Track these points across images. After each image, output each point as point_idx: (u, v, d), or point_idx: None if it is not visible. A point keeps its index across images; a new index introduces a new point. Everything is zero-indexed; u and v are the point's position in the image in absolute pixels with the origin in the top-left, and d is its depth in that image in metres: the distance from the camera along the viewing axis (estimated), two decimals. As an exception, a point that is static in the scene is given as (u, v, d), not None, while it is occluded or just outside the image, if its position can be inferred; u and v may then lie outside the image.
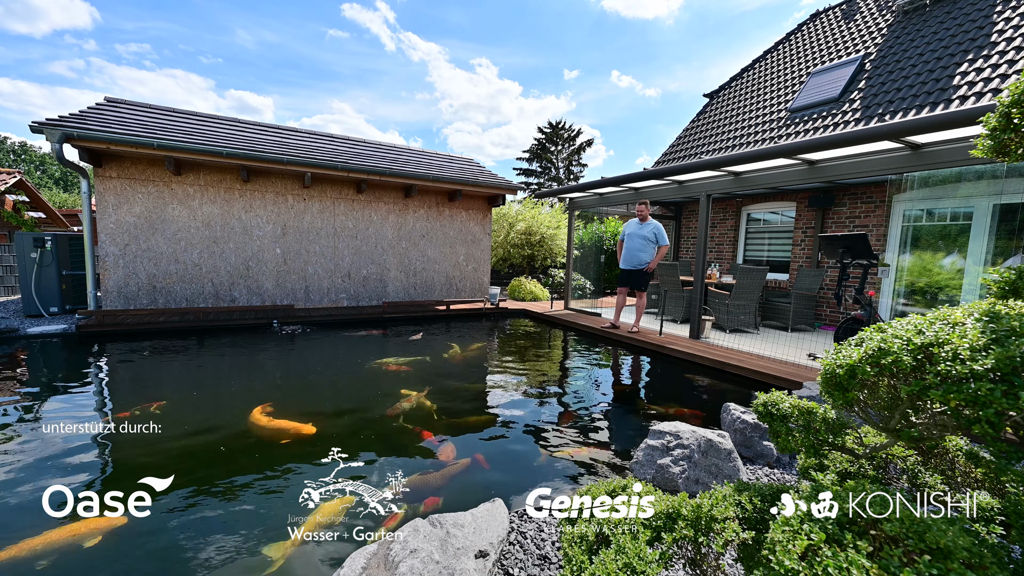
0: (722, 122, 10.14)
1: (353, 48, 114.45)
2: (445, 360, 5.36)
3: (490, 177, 9.62)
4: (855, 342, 1.29)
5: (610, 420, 3.69)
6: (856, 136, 4.03)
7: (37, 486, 2.34)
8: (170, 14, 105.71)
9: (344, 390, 4.28)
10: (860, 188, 6.84)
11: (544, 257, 12.90)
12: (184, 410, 3.50)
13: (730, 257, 8.99)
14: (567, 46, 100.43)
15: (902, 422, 1.24)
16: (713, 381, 4.68)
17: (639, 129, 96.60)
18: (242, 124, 8.56)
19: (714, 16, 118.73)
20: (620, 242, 6.33)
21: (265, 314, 7.12)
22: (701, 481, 2.37)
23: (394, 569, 1.52)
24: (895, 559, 0.87)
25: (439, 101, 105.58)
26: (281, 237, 7.69)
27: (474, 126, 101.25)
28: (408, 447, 2.98)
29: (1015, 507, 1.12)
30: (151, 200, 6.74)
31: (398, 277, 8.88)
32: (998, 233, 5.44)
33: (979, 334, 1.03)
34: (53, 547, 1.89)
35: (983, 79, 5.70)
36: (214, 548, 1.94)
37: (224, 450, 2.86)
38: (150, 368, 4.71)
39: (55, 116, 6.02)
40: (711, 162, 5.41)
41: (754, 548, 1.21)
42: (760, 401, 1.67)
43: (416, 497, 2.37)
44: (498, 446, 3.10)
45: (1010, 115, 1.35)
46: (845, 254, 4.88)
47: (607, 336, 6.46)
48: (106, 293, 6.58)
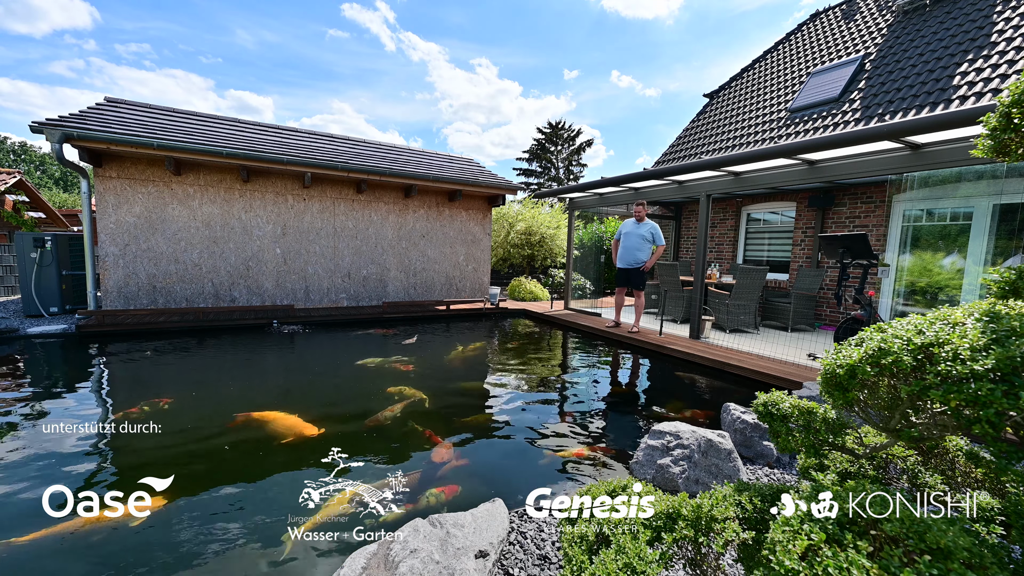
0: (722, 122, 10.14)
1: (353, 48, 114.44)
2: (445, 360, 5.36)
3: (490, 177, 9.62)
4: (855, 342, 1.29)
5: (610, 420, 3.69)
6: (856, 136, 4.03)
7: (40, 484, 2.34)
8: (170, 14, 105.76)
9: (345, 389, 4.28)
10: (860, 188, 6.84)
11: (544, 257, 12.90)
12: (187, 408, 3.50)
13: (730, 257, 8.99)
14: (567, 46, 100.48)
15: (902, 422, 1.24)
16: (713, 381, 4.68)
17: (639, 129, 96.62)
18: (242, 124, 8.56)
19: (714, 16, 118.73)
20: (616, 241, 6.39)
21: (265, 314, 7.12)
22: (701, 481, 2.37)
23: (394, 569, 1.52)
24: (895, 559, 0.87)
25: (439, 101, 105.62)
26: (281, 237, 7.69)
27: (474, 126, 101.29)
28: (409, 447, 2.98)
29: (1015, 507, 1.12)
30: (151, 200, 6.74)
31: (398, 277, 8.88)
32: (998, 233, 5.44)
33: (979, 334, 1.03)
34: (105, 525, 2.07)
35: (983, 79, 5.70)
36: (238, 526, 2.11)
37: (227, 449, 2.86)
38: (150, 368, 4.71)
39: (55, 116, 6.02)
40: (711, 162, 5.41)
41: (754, 548, 1.21)
42: (760, 401, 1.67)
43: (413, 498, 2.37)
44: (498, 446, 3.10)
45: (1010, 115, 1.35)
46: (845, 254, 4.88)
47: (607, 336, 6.46)
48: (106, 293, 6.58)
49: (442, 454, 2.87)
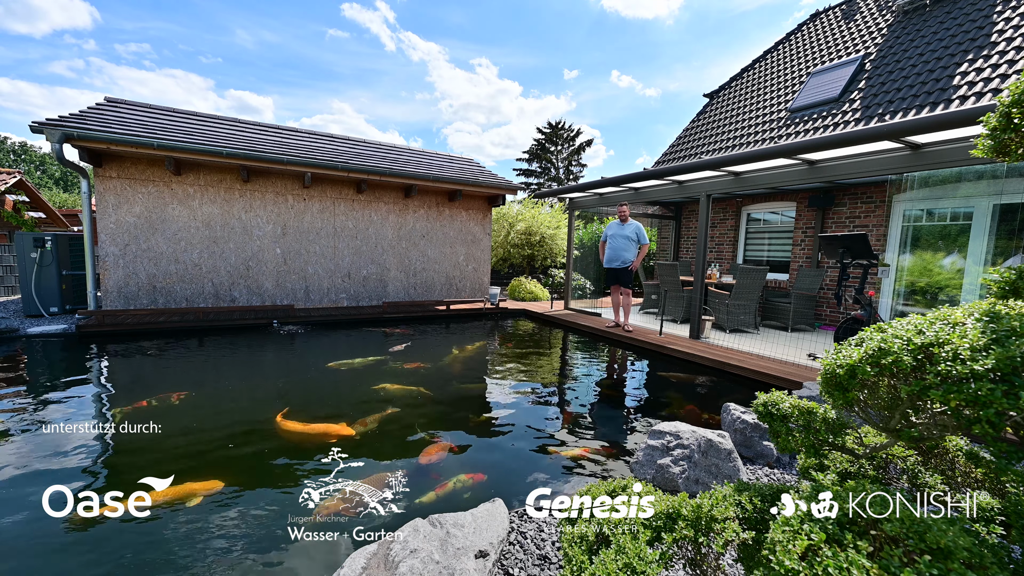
0: (722, 122, 10.14)
1: (353, 48, 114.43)
2: (445, 360, 5.36)
3: (490, 177, 9.62)
4: (855, 342, 1.29)
5: (610, 420, 3.69)
6: (856, 136, 4.03)
7: (45, 481, 2.34)
8: (169, 14, 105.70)
9: (345, 389, 4.27)
10: (860, 188, 6.84)
11: (544, 257, 12.90)
12: (191, 406, 3.50)
13: (730, 257, 8.99)
14: (567, 46, 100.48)
15: (902, 422, 1.24)
16: (713, 381, 4.68)
17: (639, 129, 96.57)
18: (242, 124, 8.56)
19: (714, 16, 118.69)
20: (602, 243, 6.58)
21: (265, 314, 7.12)
22: (701, 481, 2.37)
23: (394, 569, 1.52)
24: (895, 559, 0.87)
25: (439, 101, 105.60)
26: (281, 237, 7.69)
27: (474, 126, 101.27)
28: (408, 449, 2.98)
29: (1015, 507, 1.12)
30: (151, 200, 6.74)
31: (398, 277, 8.88)
32: (998, 233, 5.44)
33: (979, 334, 1.03)
34: (171, 498, 2.29)
35: (983, 79, 5.70)
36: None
37: (232, 446, 2.86)
38: (151, 367, 4.71)
39: (55, 116, 6.02)
40: (711, 162, 5.41)
41: (754, 548, 1.21)
42: (760, 401, 1.67)
43: (413, 498, 2.37)
44: (498, 446, 3.10)
45: (1010, 115, 1.35)
46: (845, 254, 4.88)
47: (607, 336, 6.46)
48: (106, 293, 6.58)
49: (436, 453, 2.88)
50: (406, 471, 2.62)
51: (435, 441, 3.05)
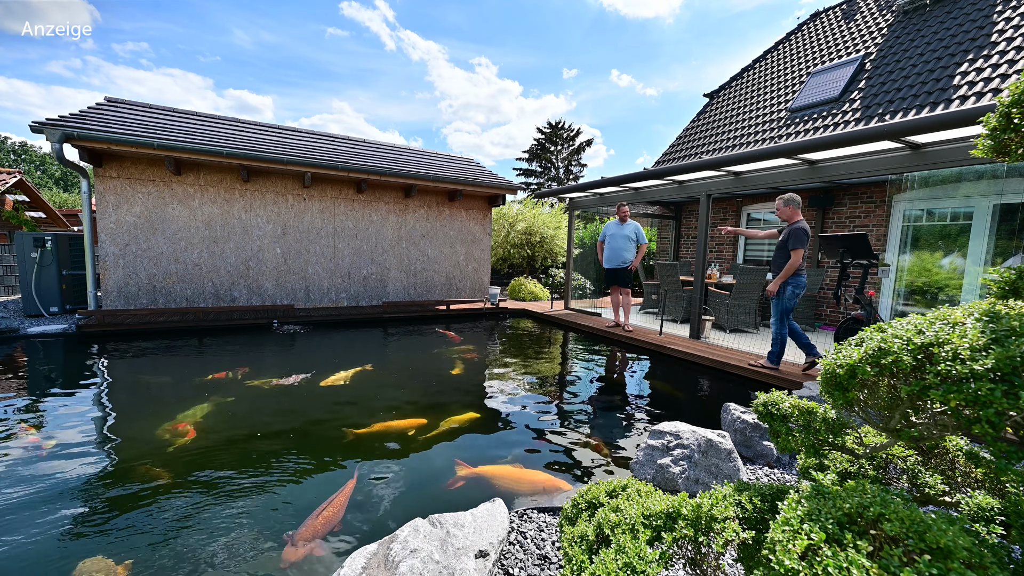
0: (722, 122, 10.14)
1: (352, 47, 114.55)
2: (444, 360, 5.36)
3: (490, 177, 9.62)
4: (855, 342, 1.29)
5: (610, 420, 3.69)
6: (856, 136, 4.03)
7: (47, 481, 2.34)
8: (168, 14, 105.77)
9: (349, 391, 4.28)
10: (860, 188, 6.84)
11: (544, 257, 12.90)
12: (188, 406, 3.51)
13: (730, 257, 8.99)
14: (566, 45, 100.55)
15: (902, 422, 1.24)
16: (713, 381, 4.68)
17: (639, 129, 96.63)
18: (242, 124, 8.56)
19: (714, 16, 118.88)
20: (600, 243, 6.56)
21: (265, 314, 7.12)
22: (701, 481, 2.37)
23: (394, 569, 1.52)
24: (895, 559, 0.87)
25: (439, 101, 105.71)
26: (281, 237, 7.69)
27: (474, 126, 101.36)
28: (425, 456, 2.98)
29: (1015, 507, 1.12)
30: (151, 200, 6.74)
31: (398, 277, 8.88)
32: (998, 233, 5.44)
33: (979, 334, 1.03)
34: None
35: (983, 79, 5.70)
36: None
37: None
38: (151, 367, 4.71)
39: (55, 116, 6.02)
40: (711, 162, 5.41)
41: (754, 548, 1.21)
42: (760, 401, 1.67)
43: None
44: (498, 446, 3.10)
45: (1010, 115, 1.35)
46: (845, 254, 4.88)
47: (607, 336, 6.46)
48: (106, 293, 6.58)
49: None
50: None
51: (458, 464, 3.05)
